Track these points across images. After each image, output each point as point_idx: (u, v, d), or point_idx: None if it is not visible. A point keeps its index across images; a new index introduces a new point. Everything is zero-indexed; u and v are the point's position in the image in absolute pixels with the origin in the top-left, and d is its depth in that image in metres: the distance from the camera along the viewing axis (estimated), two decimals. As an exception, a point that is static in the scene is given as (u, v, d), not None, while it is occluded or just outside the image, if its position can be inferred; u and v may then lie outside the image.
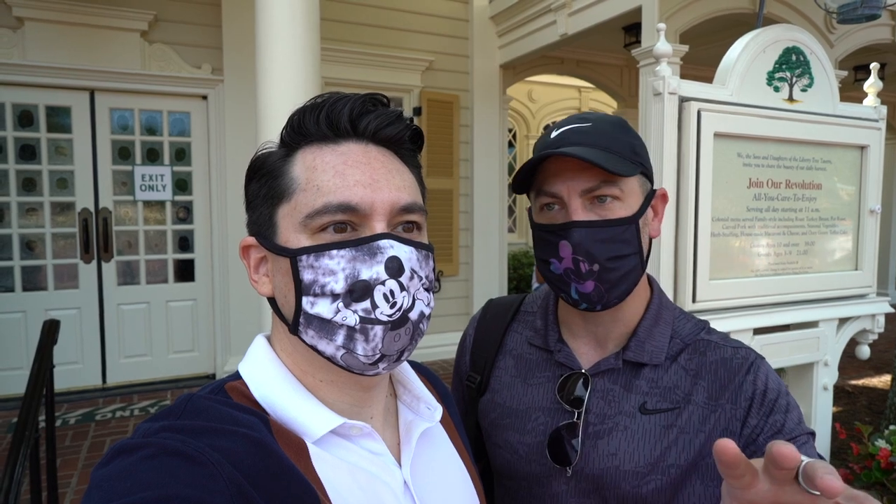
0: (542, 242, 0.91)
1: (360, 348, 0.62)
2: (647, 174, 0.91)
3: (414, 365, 0.83)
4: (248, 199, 0.70)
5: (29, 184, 4.84)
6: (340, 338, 0.62)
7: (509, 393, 1.00)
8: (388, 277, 0.61)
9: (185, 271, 5.33)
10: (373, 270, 0.61)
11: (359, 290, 0.61)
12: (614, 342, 0.95)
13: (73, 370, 4.93)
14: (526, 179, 0.92)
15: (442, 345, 6.10)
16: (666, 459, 0.86)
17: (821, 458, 0.85)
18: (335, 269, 0.61)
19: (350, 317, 0.61)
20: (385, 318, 0.61)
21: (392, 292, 0.62)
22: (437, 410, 0.76)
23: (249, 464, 0.56)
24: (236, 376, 0.68)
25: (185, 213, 5.30)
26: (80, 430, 4.19)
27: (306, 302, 0.63)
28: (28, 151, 4.82)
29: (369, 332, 0.61)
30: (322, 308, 0.62)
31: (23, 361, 4.73)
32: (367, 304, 0.61)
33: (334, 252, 0.62)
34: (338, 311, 0.61)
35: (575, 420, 0.91)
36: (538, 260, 0.93)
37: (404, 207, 0.65)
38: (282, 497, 0.56)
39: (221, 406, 0.62)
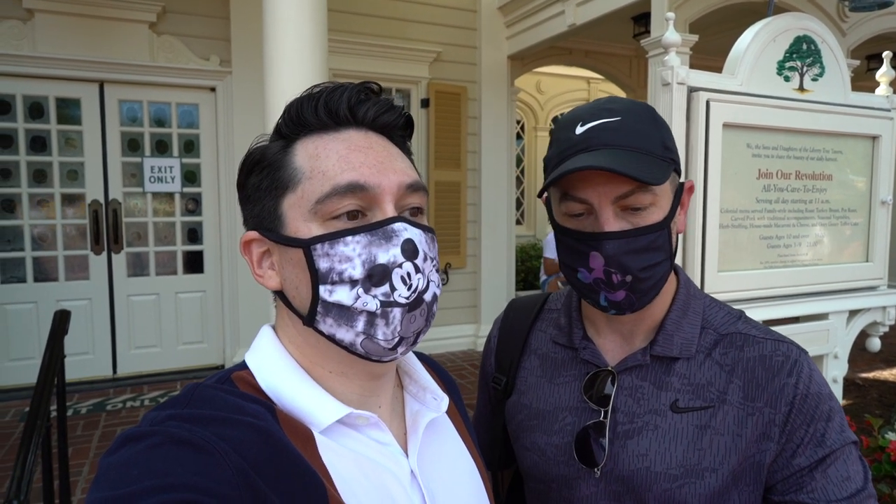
0: (568, 250, 0.85)
1: (381, 333, 0.62)
2: (678, 169, 0.85)
3: (419, 356, 0.83)
4: (247, 193, 0.69)
5: (39, 175, 4.87)
6: (361, 324, 0.62)
7: (535, 394, 0.97)
8: (405, 260, 0.62)
9: (194, 263, 5.36)
10: (389, 254, 0.62)
11: (378, 275, 0.61)
12: (641, 337, 0.90)
13: (84, 360, 4.98)
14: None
15: (449, 337, 6.12)
16: (701, 463, 0.81)
17: (864, 467, 0.82)
18: (351, 256, 0.61)
19: (371, 302, 0.61)
20: (403, 301, 0.62)
21: (409, 274, 0.62)
22: (444, 401, 0.76)
23: (256, 453, 0.56)
24: (243, 366, 0.69)
25: (193, 204, 5.33)
26: (91, 420, 4.23)
27: (324, 290, 0.62)
28: (38, 143, 4.85)
29: (389, 315, 0.62)
30: (341, 295, 0.62)
31: (34, 351, 4.78)
32: (386, 287, 0.61)
33: (349, 238, 0.62)
34: (358, 297, 0.61)
35: (602, 419, 0.87)
36: (563, 265, 0.88)
37: (410, 185, 0.66)
38: (289, 486, 0.57)
39: (228, 395, 0.62)
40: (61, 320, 2.50)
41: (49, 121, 4.85)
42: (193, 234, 5.34)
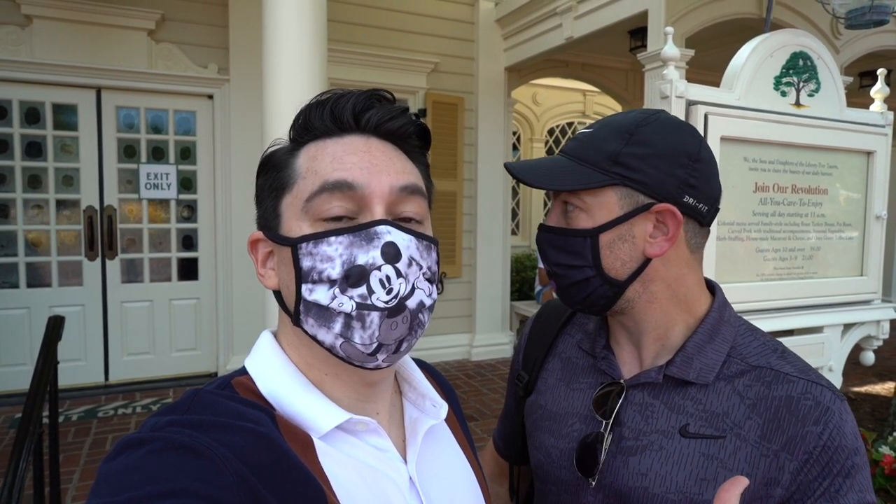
0: None
1: (358, 336, 0.62)
2: (639, 188, 0.82)
3: (419, 363, 0.83)
4: (257, 194, 0.71)
5: (34, 181, 4.85)
6: (338, 325, 0.62)
7: (552, 396, 0.98)
8: (384, 263, 0.61)
9: (188, 270, 5.34)
10: (369, 255, 0.61)
11: (354, 276, 0.61)
12: (650, 353, 0.89)
13: (76, 367, 4.94)
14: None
15: (443, 346, 6.11)
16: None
17: None
18: (332, 256, 0.61)
19: (346, 303, 0.61)
20: (381, 305, 0.61)
21: (388, 278, 0.61)
22: (443, 408, 0.76)
23: (256, 458, 0.56)
24: (243, 371, 0.69)
25: (189, 211, 5.31)
26: (83, 427, 4.20)
27: (305, 289, 0.63)
28: (34, 149, 4.83)
29: (366, 318, 0.61)
30: (319, 294, 0.62)
31: (26, 357, 4.75)
32: (363, 289, 0.61)
33: (332, 238, 0.62)
34: (334, 297, 0.61)
35: (602, 431, 0.87)
36: None
37: (404, 188, 0.65)
38: (288, 492, 0.57)
39: (228, 401, 0.62)
40: (55, 326, 2.48)
41: (45, 126, 4.84)
42: (188, 241, 5.33)
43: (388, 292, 0.61)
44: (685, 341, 0.85)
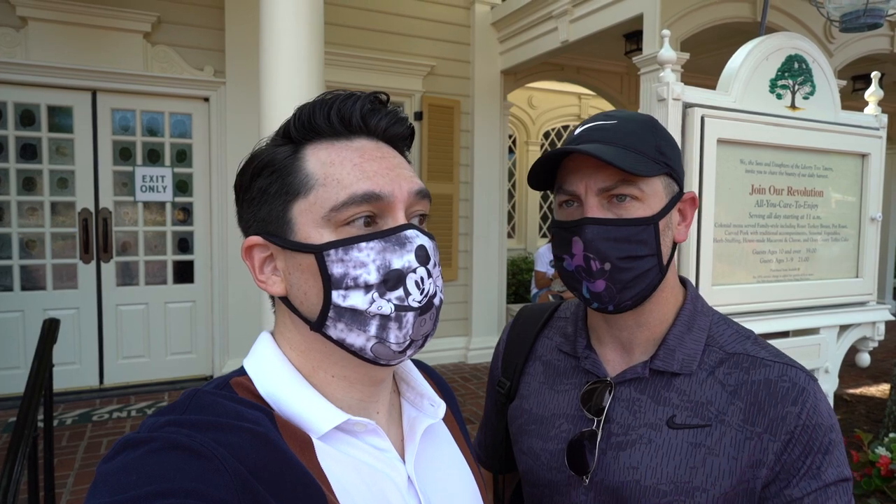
0: (557, 239, 0.89)
1: (393, 336, 0.64)
2: (674, 176, 0.87)
3: (417, 363, 0.83)
4: (251, 195, 0.68)
5: (29, 183, 4.84)
6: (373, 328, 0.63)
7: (536, 399, 0.98)
8: (419, 265, 0.64)
9: (184, 273, 5.32)
10: (404, 259, 0.63)
11: (393, 279, 0.63)
12: (641, 349, 0.91)
13: (71, 370, 4.92)
14: (545, 177, 0.90)
15: (439, 350, 6.10)
16: (692, 481, 0.81)
17: None
18: (365, 261, 0.62)
19: (385, 306, 0.63)
20: (416, 305, 0.64)
21: (422, 279, 0.64)
22: (441, 407, 0.76)
23: (254, 458, 0.56)
24: (241, 372, 0.68)
25: (184, 214, 5.30)
26: (77, 431, 4.17)
27: (337, 296, 0.63)
28: (29, 151, 4.82)
29: (403, 319, 0.63)
30: (355, 300, 0.63)
31: (20, 361, 4.72)
32: (400, 292, 0.63)
33: (363, 244, 0.63)
34: (372, 301, 0.62)
35: (594, 428, 0.88)
36: (555, 258, 0.91)
37: (419, 192, 0.67)
38: (287, 492, 0.57)
39: (227, 401, 0.62)
40: (50, 329, 2.47)
41: (40, 129, 4.82)
42: (184, 244, 5.32)
43: (422, 292, 0.64)
44: (665, 334, 0.89)
